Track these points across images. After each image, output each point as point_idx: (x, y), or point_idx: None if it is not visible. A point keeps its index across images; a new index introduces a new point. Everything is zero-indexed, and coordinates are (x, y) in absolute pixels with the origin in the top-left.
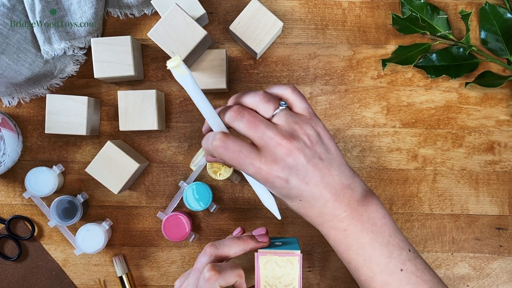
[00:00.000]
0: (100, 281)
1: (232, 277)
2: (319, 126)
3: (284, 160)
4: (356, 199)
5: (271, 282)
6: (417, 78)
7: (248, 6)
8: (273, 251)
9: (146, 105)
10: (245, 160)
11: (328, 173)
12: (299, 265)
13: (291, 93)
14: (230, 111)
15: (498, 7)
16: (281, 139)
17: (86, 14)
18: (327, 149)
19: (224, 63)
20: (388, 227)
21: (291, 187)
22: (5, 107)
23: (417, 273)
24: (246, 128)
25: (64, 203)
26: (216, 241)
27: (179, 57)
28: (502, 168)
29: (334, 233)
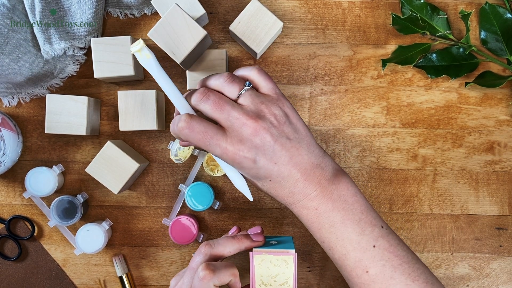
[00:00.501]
0: (100, 281)
1: (226, 276)
2: (286, 106)
3: (251, 140)
4: (327, 178)
5: (266, 281)
6: (417, 78)
7: (248, 6)
8: (268, 250)
9: (146, 105)
10: (210, 140)
11: (297, 153)
12: (294, 264)
13: (256, 73)
14: (196, 94)
15: (498, 7)
16: (246, 119)
17: (86, 14)
18: (295, 128)
19: (224, 63)
20: (360, 204)
21: (259, 167)
22: (5, 107)
23: (390, 249)
24: (211, 110)
25: (64, 203)
26: (211, 240)
27: (142, 40)
28: (502, 168)
29: (306, 212)
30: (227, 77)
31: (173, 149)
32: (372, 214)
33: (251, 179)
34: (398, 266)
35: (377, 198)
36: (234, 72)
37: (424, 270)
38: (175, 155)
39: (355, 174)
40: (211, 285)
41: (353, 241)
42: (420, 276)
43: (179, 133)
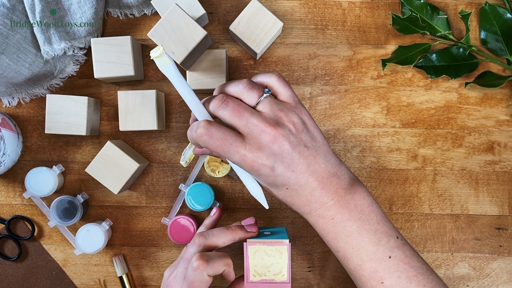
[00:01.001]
0: (100, 281)
1: (220, 266)
2: (304, 114)
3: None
4: (343, 187)
5: (260, 271)
6: (417, 78)
7: (248, 6)
8: (262, 240)
9: (146, 105)
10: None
11: (314, 161)
12: (287, 254)
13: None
14: (214, 100)
15: (498, 7)
16: (265, 126)
17: (86, 14)
18: (312, 137)
19: (224, 63)
20: (376, 214)
21: (276, 174)
22: (5, 107)
23: (405, 260)
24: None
25: (64, 203)
26: (205, 231)
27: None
28: (502, 168)
29: (322, 221)
30: (246, 83)
31: (185, 155)
32: (387, 225)
33: (268, 187)
34: (413, 278)
35: (377, 198)
36: (253, 78)
37: (438, 281)
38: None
39: (355, 174)
40: (205, 275)
41: (369, 252)
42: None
43: (198, 139)
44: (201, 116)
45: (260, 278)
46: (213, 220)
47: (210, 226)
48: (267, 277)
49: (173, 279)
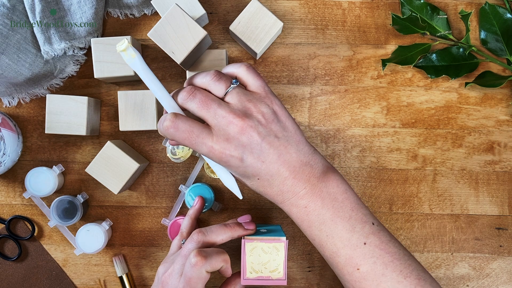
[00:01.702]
0: (100, 281)
1: (218, 262)
2: (275, 103)
3: (237, 138)
4: (316, 176)
5: (257, 268)
6: (417, 78)
7: (248, 6)
8: (260, 237)
9: (146, 105)
10: (196, 139)
11: (285, 151)
12: (284, 251)
13: (245, 71)
14: (182, 92)
15: (498, 7)
16: (233, 118)
17: (86, 14)
18: (283, 126)
19: (224, 63)
20: (350, 201)
21: (246, 165)
22: (5, 107)
23: (381, 246)
24: (198, 108)
25: (64, 203)
26: (203, 228)
27: (126, 40)
28: (502, 168)
29: (296, 210)
30: (214, 74)
31: (168, 147)
32: (362, 211)
33: (240, 177)
34: (389, 263)
35: (377, 198)
36: (223, 69)
37: (416, 266)
38: (172, 153)
39: (355, 174)
40: (203, 271)
41: (343, 239)
42: (412, 273)
43: (165, 132)
44: (170, 109)
45: (257, 275)
46: (196, 210)
47: (195, 216)
48: (263, 274)
49: (169, 275)
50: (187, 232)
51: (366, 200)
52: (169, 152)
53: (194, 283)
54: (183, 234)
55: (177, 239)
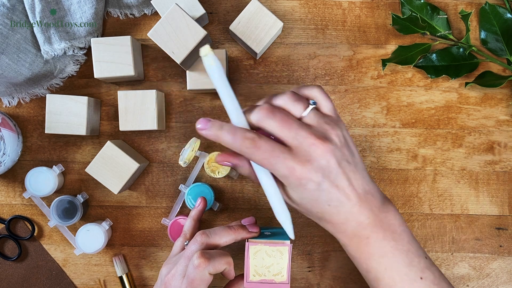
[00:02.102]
0: (100, 281)
1: (221, 265)
2: (344, 128)
3: (318, 161)
4: (377, 206)
5: (260, 271)
6: (417, 78)
7: (248, 6)
8: (264, 241)
9: (146, 105)
10: (277, 160)
11: (354, 177)
12: (288, 255)
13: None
14: (260, 109)
15: (498, 7)
16: (315, 139)
17: (86, 14)
18: (352, 152)
19: (224, 63)
20: (407, 234)
21: (322, 189)
22: (5, 107)
23: (435, 281)
24: (278, 127)
25: (64, 203)
26: (207, 230)
27: (209, 46)
28: (502, 168)
29: (357, 241)
30: (291, 95)
31: (184, 155)
32: (416, 244)
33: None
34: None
35: None
36: (295, 89)
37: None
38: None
39: None
40: (206, 273)
41: (401, 273)
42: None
43: (242, 149)
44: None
45: (260, 278)
46: (199, 211)
47: (197, 218)
48: (266, 277)
49: (172, 277)
50: (190, 233)
51: None
52: (182, 161)
53: (197, 284)
54: (186, 235)
55: (179, 240)
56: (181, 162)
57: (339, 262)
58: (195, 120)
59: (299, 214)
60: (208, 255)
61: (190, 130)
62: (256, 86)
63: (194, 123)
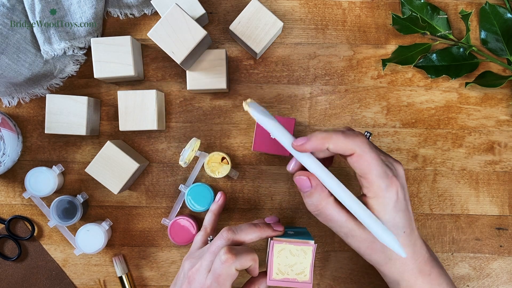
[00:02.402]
0: (100, 281)
1: (247, 261)
2: None
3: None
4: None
5: (283, 269)
6: (417, 78)
7: (248, 6)
8: (289, 240)
9: (146, 105)
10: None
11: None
12: (312, 254)
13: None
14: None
15: (498, 7)
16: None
17: (86, 14)
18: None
19: (224, 63)
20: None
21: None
22: (5, 107)
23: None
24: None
25: (64, 203)
26: (233, 226)
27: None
28: (502, 168)
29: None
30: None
31: (184, 155)
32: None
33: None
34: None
35: None
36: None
37: None
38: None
39: (355, 174)
40: (233, 268)
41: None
42: None
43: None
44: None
45: (283, 277)
46: (219, 206)
47: (218, 212)
48: (289, 276)
49: (197, 271)
50: (211, 228)
51: None
52: (182, 161)
53: (223, 279)
54: (207, 230)
55: (200, 235)
56: (181, 162)
57: (339, 262)
58: (195, 120)
59: (299, 214)
60: (235, 251)
61: (190, 130)
62: (256, 86)
63: (194, 123)
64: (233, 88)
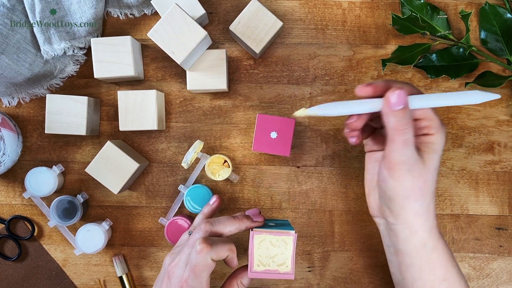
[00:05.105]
0: (100, 281)
1: (223, 251)
2: None
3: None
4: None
5: (265, 261)
6: (417, 78)
7: (248, 6)
8: (269, 230)
9: (146, 105)
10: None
11: None
12: (293, 245)
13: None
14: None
15: (498, 7)
16: None
17: (86, 14)
18: None
19: (224, 63)
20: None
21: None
22: (5, 107)
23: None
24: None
25: (64, 203)
26: (211, 219)
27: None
28: (502, 168)
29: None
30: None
31: (188, 157)
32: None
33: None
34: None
35: None
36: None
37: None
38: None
39: (355, 174)
40: (208, 258)
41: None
42: None
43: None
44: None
45: (264, 268)
46: (212, 210)
47: (209, 215)
48: (271, 267)
49: (176, 265)
50: None
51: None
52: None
53: (199, 270)
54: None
55: (185, 233)
56: (184, 164)
57: (339, 262)
58: (195, 120)
59: (300, 214)
60: (211, 241)
61: (190, 130)
62: (256, 86)
63: (194, 123)
64: (233, 88)
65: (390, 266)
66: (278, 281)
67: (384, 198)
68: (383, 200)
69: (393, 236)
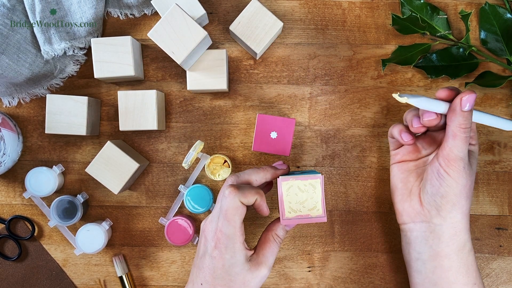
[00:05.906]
0: (100, 281)
1: (251, 194)
2: None
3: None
4: None
5: (295, 207)
6: (417, 78)
7: (248, 6)
8: (295, 176)
9: (146, 105)
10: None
11: None
12: (321, 187)
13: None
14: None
15: (498, 7)
16: None
17: (86, 14)
18: None
19: (224, 63)
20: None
21: None
22: (5, 107)
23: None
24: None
25: (64, 203)
26: (237, 173)
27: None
28: (502, 168)
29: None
30: None
31: (189, 158)
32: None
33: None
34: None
35: (377, 198)
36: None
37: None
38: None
39: (355, 174)
40: (237, 200)
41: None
42: None
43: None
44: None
45: (296, 214)
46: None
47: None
48: (302, 212)
49: (210, 222)
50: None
51: (366, 200)
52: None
53: (231, 214)
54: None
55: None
56: (185, 164)
57: (339, 262)
58: (195, 120)
59: None
60: (238, 186)
61: (190, 130)
62: (256, 86)
63: (194, 123)
64: (233, 88)
65: (416, 277)
66: (279, 281)
67: (435, 196)
68: (433, 198)
69: (434, 239)
